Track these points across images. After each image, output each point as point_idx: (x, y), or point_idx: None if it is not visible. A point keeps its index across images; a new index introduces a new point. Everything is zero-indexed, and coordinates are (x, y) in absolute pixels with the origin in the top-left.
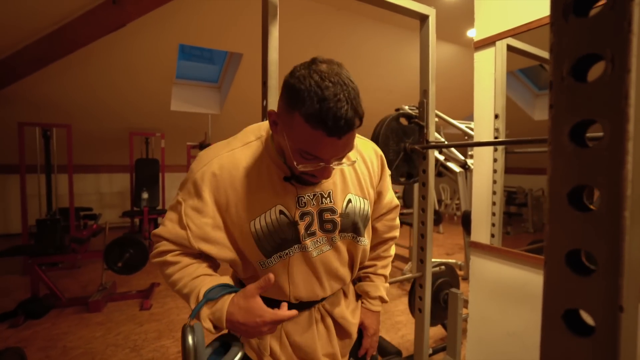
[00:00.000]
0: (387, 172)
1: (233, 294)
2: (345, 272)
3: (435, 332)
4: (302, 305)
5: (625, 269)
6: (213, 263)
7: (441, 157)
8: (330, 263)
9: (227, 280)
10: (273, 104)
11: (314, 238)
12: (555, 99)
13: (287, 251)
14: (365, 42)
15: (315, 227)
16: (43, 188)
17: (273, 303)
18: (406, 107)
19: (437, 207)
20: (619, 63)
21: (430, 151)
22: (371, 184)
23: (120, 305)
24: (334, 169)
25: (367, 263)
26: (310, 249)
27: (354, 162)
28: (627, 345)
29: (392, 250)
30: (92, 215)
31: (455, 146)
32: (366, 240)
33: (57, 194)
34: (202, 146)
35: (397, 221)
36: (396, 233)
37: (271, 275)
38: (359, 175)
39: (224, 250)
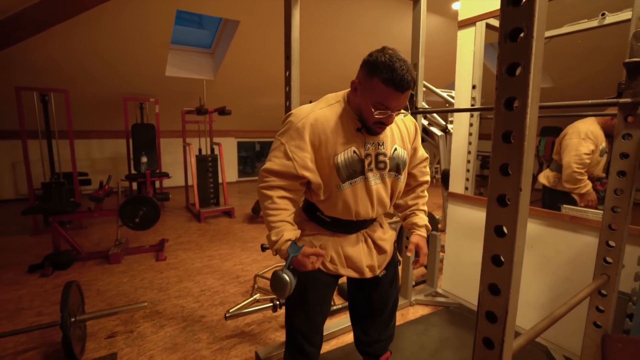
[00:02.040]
0: (419, 135)
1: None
2: (387, 201)
3: (417, 271)
4: (356, 226)
5: (524, 178)
6: (298, 199)
7: (425, 122)
8: (380, 192)
9: (295, 234)
10: (295, 75)
11: (372, 173)
12: (499, 84)
13: (355, 179)
14: (362, 15)
15: (373, 165)
16: (37, 153)
17: (341, 224)
18: None
19: None
20: (525, 68)
21: (419, 116)
22: (409, 140)
23: (137, 258)
24: (394, 118)
25: (410, 202)
26: (370, 180)
27: (406, 114)
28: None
29: (426, 192)
30: (87, 180)
31: (439, 112)
32: (403, 179)
33: (59, 158)
34: (200, 111)
35: (428, 169)
36: (427, 178)
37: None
38: (402, 134)
39: (316, 176)
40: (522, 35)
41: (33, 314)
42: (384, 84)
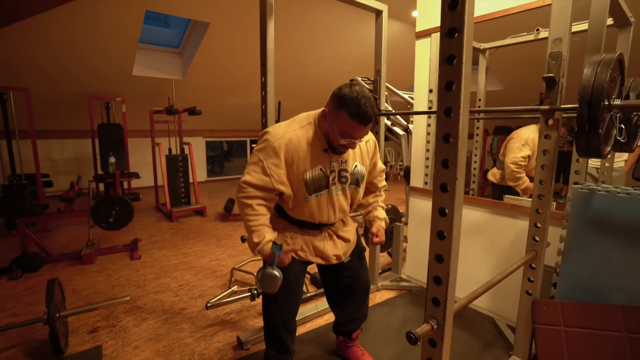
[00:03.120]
0: (378, 151)
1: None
2: (347, 208)
3: (383, 259)
4: (320, 226)
5: (459, 169)
6: (272, 206)
7: (389, 122)
8: (341, 201)
9: (274, 235)
10: (270, 80)
11: (335, 186)
12: (439, 97)
13: (320, 192)
14: (321, 16)
15: (337, 179)
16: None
17: (306, 224)
18: (359, 78)
19: None
20: (457, 85)
21: (381, 117)
22: (369, 157)
23: (111, 258)
24: (356, 144)
25: (370, 200)
26: (333, 192)
27: (367, 141)
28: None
29: (383, 194)
30: (49, 182)
31: (399, 114)
32: (361, 190)
33: (20, 159)
34: (170, 111)
35: (384, 177)
36: (384, 183)
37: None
38: (362, 152)
39: (288, 189)
40: (455, 61)
41: (7, 316)
42: (350, 117)
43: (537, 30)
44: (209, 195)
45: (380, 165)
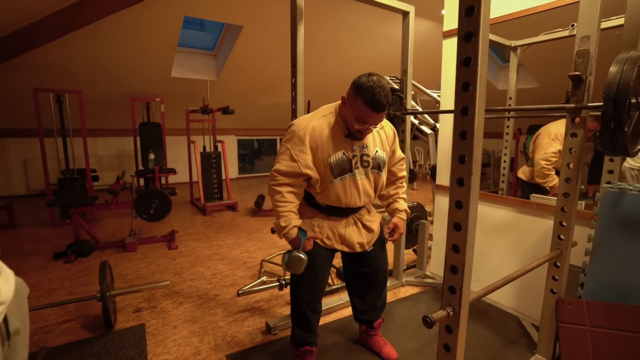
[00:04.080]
0: (397, 139)
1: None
2: (372, 192)
3: (408, 256)
4: (346, 212)
5: (474, 165)
6: (301, 193)
7: (416, 121)
8: (365, 185)
9: (299, 222)
10: (300, 81)
11: (358, 170)
12: (456, 97)
13: (345, 175)
14: (349, 16)
15: (359, 163)
16: (50, 151)
17: (333, 209)
18: (387, 78)
19: (412, 167)
20: (474, 86)
21: (407, 116)
22: (388, 144)
23: (150, 247)
24: (371, 130)
25: (392, 192)
26: (356, 176)
27: (382, 128)
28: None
29: (405, 185)
30: (96, 177)
31: (426, 113)
32: (384, 175)
33: (73, 155)
34: (205, 110)
35: (404, 166)
36: (404, 174)
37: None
38: (382, 139)
39: (315, 173)
40: (472, 63)
41: (65, 294)
42: (364, 104)
43: (572, 25)
44: (241, 191)
45: (400, 153)
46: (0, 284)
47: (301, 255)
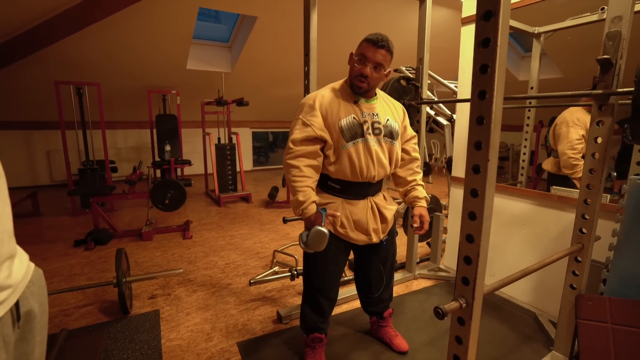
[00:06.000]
0: (407, 117)
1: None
2: (386, 163)
3: (421, 249)
4: (364, 190)
5: (491, 151)
6: (319, 166)
7: (432, 112)
8: (379, 154)
9: (317, 198)
10: (313, 69)
11: (370, 136)
12: (474, 80)
13: (357, 140)
14: (367, 5)
15: (370, 130)
16: (71, 142)
17: (350, 187)
18: (403, 68)
19: (427, 160)
20: (492, 68)
21: (422, 106)
22: (399, 118)
23: (166, 236)
24: (371, 74)
25: (409, 178)
26: (369, 142)
27: (392, 102)
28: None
29: (421, 171)
30: (114, 168)
31: (441, 102)
32: (398, 145)
33: (92, 147)
34: (219, 102)
35: (417, 146)
36: (418, 154)
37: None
38: (392, 111)
39: (328, 136)
40: (491, 43)
41: (85, 279)
42: (365, 41)
43: (602, 9)
44: (255, 183)
45: (411, 130)
46: (15, 265)
47: (323, 229)
